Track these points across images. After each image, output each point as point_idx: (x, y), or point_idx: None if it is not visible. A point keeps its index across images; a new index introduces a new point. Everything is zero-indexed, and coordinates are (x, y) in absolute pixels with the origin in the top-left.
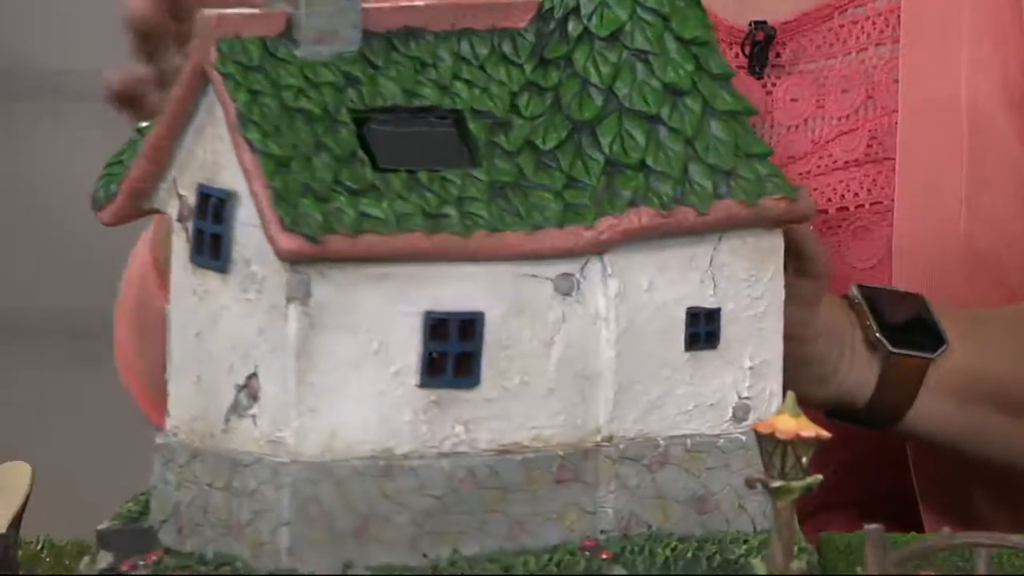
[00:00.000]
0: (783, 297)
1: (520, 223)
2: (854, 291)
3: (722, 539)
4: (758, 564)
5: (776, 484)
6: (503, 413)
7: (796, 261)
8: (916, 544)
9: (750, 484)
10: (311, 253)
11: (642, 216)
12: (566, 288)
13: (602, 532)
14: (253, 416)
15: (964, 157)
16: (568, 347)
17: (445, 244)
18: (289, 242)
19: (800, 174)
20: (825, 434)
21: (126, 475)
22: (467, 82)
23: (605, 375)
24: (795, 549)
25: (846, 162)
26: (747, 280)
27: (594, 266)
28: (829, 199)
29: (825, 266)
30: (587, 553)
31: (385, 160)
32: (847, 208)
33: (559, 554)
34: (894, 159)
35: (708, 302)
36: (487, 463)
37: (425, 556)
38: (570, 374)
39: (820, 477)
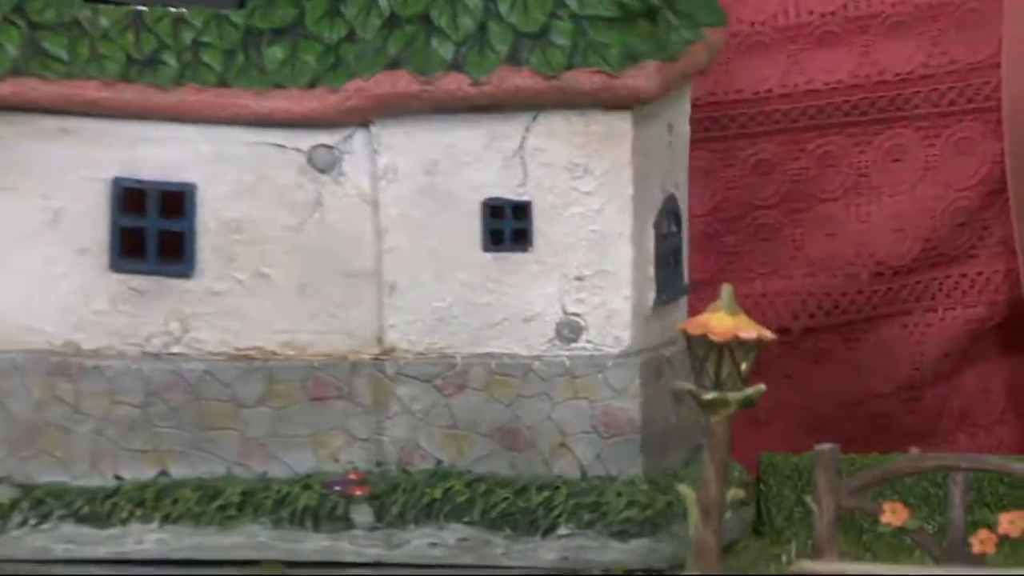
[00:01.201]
0: (632, 193)
1: (258, 80)
2: None
3: (536, 485)
4: (686, 490)
5: (709, 396)
6: (235, 311)
7: None
8: (878, 468)
9: (678, 396)
10: None
11: (397, 81)
12: (324, 163)
13: (379, 465)
14: None
15: None
16: (325, 235)
17: (140, 97)
18: None
19: None
20: (769, 335)
21: None
22: None
23: (380, 273)
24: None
25: None
26: (571, 171)
27: (360, 139)
28: None
29: None
30: (337, 488)
31: None
32: None
33: (296, 487)
34: None
35: (515, 194)
36: (212, 370)
37: (118, 478)
38: (329, 269)
39: (762, 387)
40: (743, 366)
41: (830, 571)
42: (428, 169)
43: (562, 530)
